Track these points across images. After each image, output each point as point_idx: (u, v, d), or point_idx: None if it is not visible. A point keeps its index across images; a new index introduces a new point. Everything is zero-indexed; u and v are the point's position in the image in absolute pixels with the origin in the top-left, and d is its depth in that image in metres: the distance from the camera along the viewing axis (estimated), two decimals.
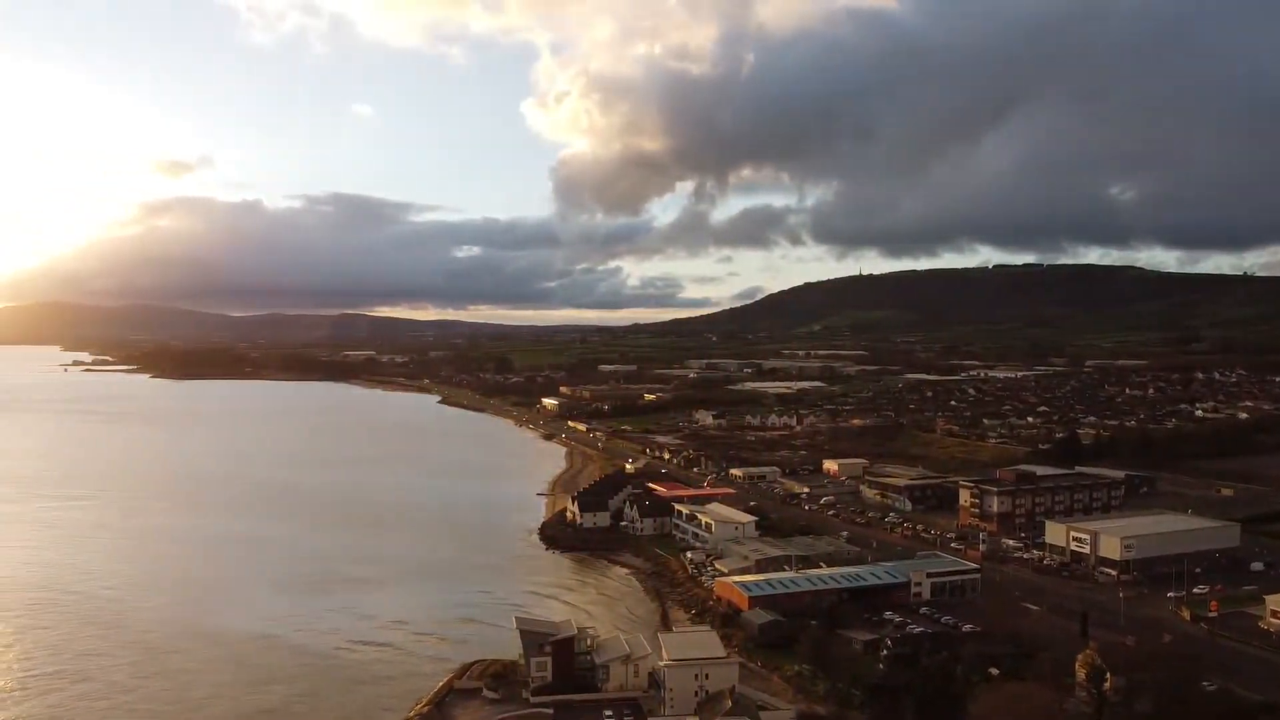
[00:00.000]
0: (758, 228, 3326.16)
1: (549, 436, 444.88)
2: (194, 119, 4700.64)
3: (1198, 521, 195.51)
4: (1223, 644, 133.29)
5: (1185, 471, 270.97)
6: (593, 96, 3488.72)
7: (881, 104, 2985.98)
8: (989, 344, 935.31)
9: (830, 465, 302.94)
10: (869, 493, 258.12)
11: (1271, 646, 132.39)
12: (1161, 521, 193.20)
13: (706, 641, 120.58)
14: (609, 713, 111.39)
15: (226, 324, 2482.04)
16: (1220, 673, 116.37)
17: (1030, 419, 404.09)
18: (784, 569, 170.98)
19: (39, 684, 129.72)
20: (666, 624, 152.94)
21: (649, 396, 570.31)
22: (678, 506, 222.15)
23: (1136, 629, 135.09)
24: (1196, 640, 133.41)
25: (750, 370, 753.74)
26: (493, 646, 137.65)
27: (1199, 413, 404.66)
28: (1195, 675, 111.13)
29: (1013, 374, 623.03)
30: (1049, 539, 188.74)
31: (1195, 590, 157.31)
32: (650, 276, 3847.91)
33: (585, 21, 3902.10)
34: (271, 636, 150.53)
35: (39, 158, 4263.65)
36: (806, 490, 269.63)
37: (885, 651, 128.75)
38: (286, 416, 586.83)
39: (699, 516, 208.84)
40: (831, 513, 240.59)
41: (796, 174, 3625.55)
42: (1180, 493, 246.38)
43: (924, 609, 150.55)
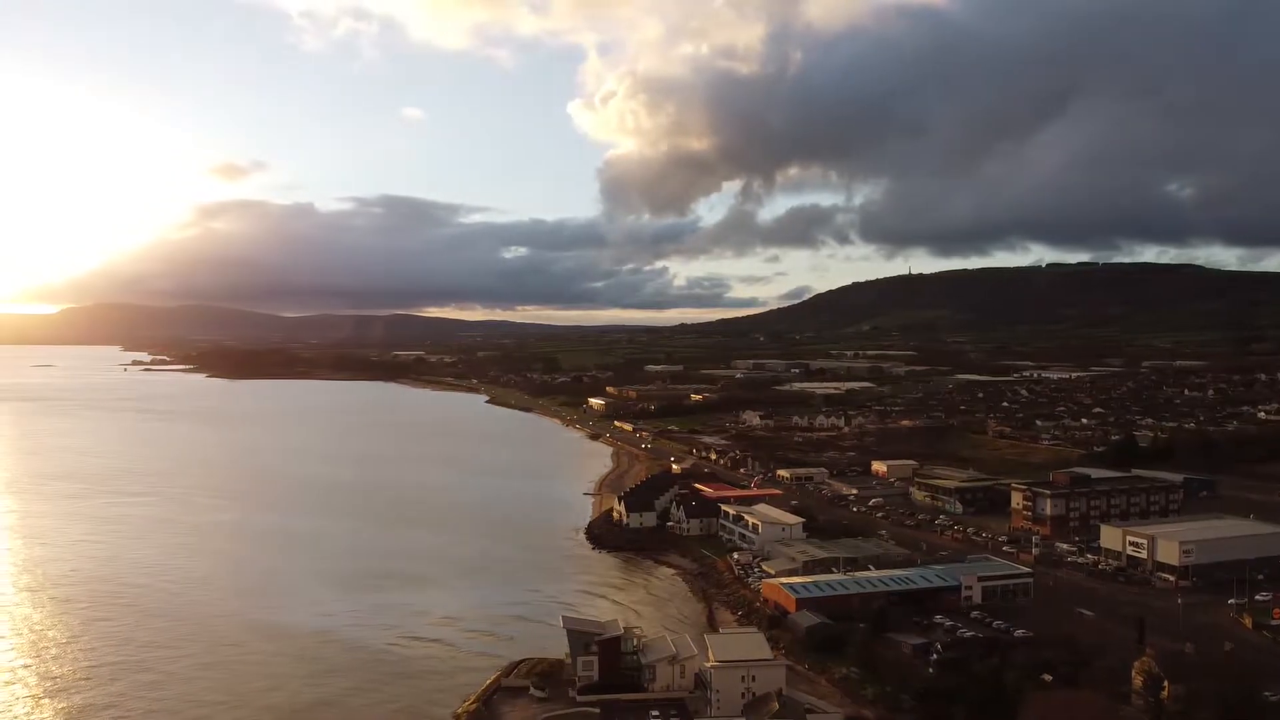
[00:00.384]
0: (805, 227, 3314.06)
1: (595, 436, 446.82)
2: (249, 124, 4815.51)
3: (1260, 526, 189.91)
4: None
5: (1247, 475, 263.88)
6: (639, 97, 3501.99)
7: (932, 101, 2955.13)
8: (1042, 344, 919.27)
9: (879, 467, 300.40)
10: (918, 495, 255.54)
11: None
12: (1222, 526, 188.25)
13: (753, 643, 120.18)
14: (655, 713, 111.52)
15: (279, 324, 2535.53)
16: None
17: (1085, 420, 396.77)
18: (832, 571, 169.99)
19: (102, 673, 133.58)
20: (713, 625, 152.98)
21: (695, 397, 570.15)
22: (724, 507, 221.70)
23: (1196, 636, 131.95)
24: (1259, 649, 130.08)
25: (798, 370, 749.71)
26: (540, 645, 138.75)
27: (1261, 415, 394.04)
28: (1257, 685, 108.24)
29: (1066, 374, 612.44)
30: (1104, 543, 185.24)
31: (1258, 597, 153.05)
32: (697, 276, 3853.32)
33: (632, 22, 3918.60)
34: (326, 631, 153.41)
35: (101, 164, 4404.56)
36: (855, 492, 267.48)
37: (935, 656, 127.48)
38: (338, 415, 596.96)
39: (746, 517, 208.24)
40: (880, 515, 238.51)
41: (845, 172, 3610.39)
42: (1242, 497, 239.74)
43: (975, 613, 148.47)
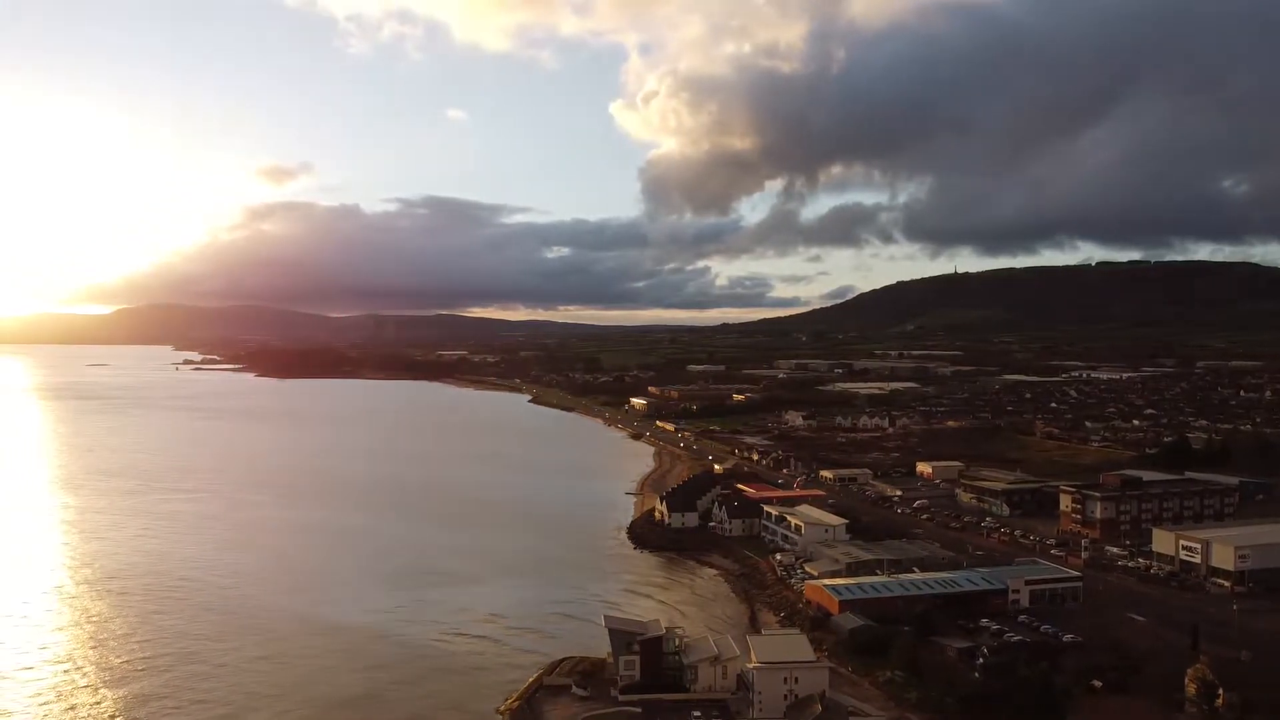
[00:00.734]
0: (848, 226, 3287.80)
1: (637, 436, 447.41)
2: (296, 127, 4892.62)
3: None
4: None
5: None
6: (681, 96, 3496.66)
7: (978, 97, 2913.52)
8: (1091, 344, 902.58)
9: (924, 468, 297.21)
10: (964, 497, 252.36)
11: None
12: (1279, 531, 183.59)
13: (796, 645, 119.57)
14: (697, 713, 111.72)
15: (326, 324, 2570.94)
16: None
17: (1136, 422, 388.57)
18: (875, 573, 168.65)
19: (157, 663, 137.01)
20: (755, 626, 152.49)
21: (738, 397, 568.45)
22: (767, 508, 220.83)
23: (1251, 644, 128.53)
24: None
25: (841, 371, 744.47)
26: (583, 643, 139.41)
27: None
28: None
29: (1117, 375, 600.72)
30: (1156, 547, 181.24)
31: None
32: (739, 276, 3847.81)
33: (674, 22, 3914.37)
34: (373, 625, 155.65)
35: (154, 168, 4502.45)
36: (899, 493, 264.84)
37: (981, 660, 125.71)
38: (383, 414, 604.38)
39: (788, 518, 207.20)
40: (925, 516, 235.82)
41: (888, 171, 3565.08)
42: None
43: (1022, 617, 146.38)
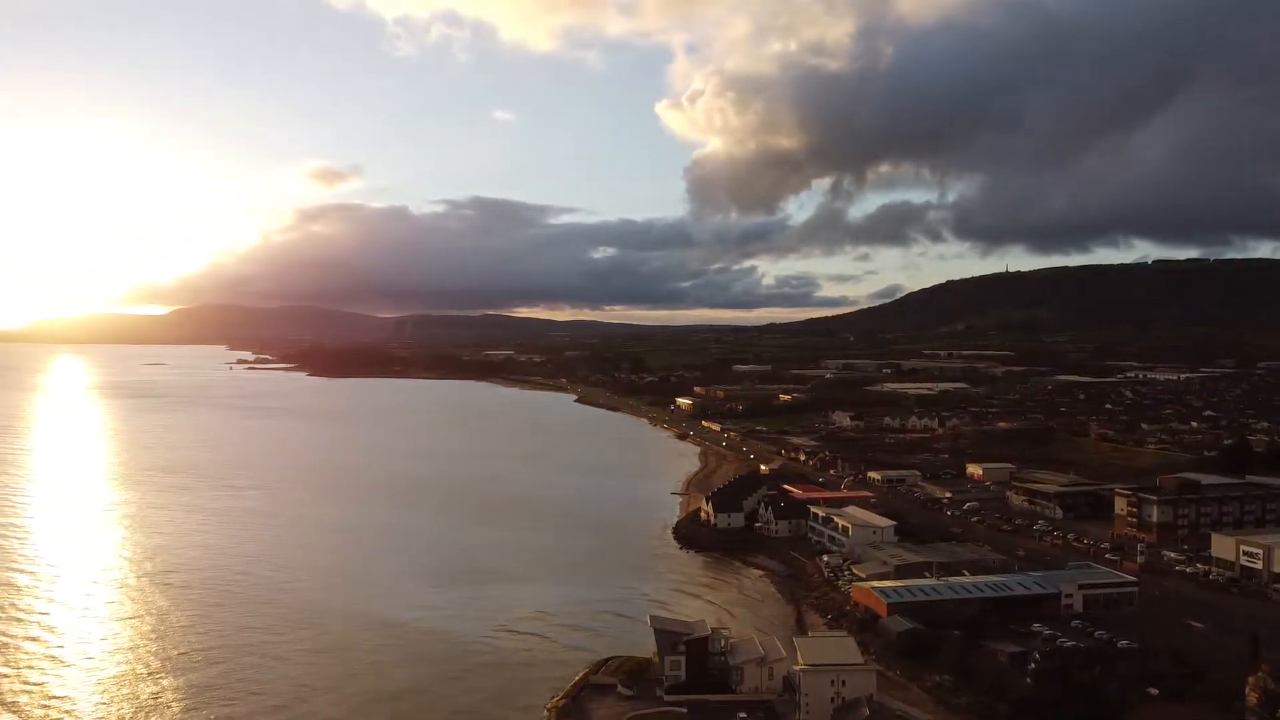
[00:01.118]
0: (896, 225, 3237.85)
1: (683, 436, 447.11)
2: (345, 129, 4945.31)
3: None
4: None
5: None
6: (727, 95, 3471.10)
7: (1029, 94, 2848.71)
8: (1147, 344, 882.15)
9: (974, 470, 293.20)
10: (1016, 499, 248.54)
11: None
12: None
13: (843, 647, 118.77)
14: (743, 715, 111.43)
15: (375, 324, 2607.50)
16: None
17: (1194, 424, 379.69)
18: (924, 576, 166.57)
19: (214, 655, 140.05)
20: (801, 628, 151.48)
21: (784, 397, 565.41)
22: (813, 509, 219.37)
23: None
24: None
25: (889, 371, 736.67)
26: (629, 642, 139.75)
27: None
28: None
29: (1174, 376, 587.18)
30: (1215, 552, 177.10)
31: None
32: (785, 275, 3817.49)
33: (720, 21, 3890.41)
34: (421, 621, 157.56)
35: (209, 171, 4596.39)
36: (949, 495, 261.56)
37: (1033, 665, 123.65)
38: (432, 413, 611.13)
39: (835, 519, 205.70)
40: (975, 519, 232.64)
41: (938, 169, 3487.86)
42: None
43: (1075, 622, 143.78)
